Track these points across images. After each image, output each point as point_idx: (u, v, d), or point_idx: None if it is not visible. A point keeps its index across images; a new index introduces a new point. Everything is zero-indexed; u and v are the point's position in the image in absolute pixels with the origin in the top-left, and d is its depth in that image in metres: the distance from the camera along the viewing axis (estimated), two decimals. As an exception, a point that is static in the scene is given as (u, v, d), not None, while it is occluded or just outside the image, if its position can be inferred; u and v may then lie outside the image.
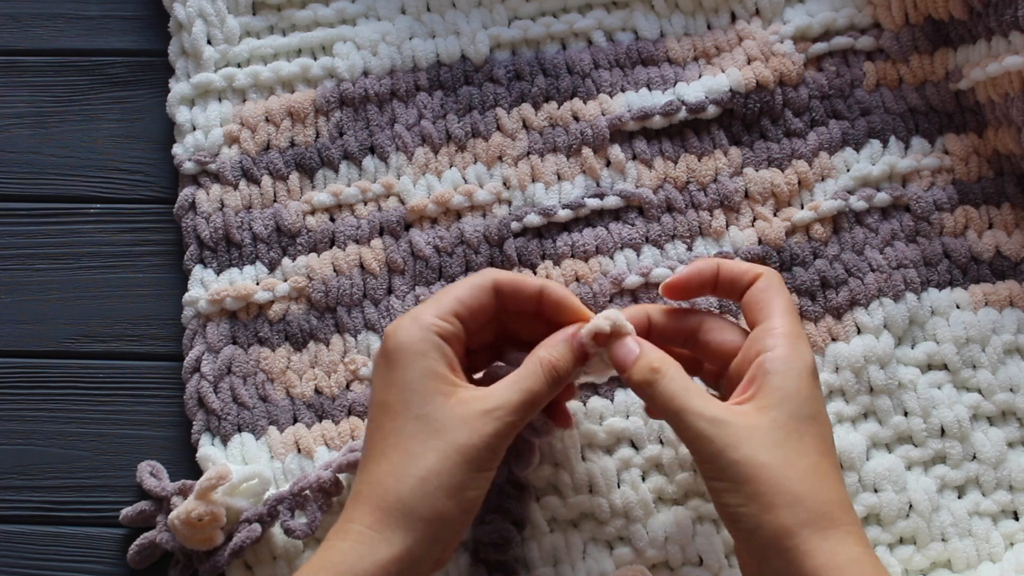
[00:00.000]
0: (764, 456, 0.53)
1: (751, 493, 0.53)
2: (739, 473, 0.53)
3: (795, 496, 0.53)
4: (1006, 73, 0.67)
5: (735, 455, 0.53)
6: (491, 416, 0.55)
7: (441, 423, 0.55)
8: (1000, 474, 0.66)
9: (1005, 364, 0.68)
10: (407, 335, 0.57)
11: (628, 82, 0.73)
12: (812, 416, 0.55)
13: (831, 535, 0.52)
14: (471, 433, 0.55)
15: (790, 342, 0.56)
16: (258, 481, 0.64)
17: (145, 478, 0.66)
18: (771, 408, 0.55)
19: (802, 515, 0.52)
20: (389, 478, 0.55)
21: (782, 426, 0.54)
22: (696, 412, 0.55)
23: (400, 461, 0.55)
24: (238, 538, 0.63)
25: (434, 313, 0.58)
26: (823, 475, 0.54)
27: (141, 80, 0.76)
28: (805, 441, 0.54)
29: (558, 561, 0.65)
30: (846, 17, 0.74)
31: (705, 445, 0.54)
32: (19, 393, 0.70)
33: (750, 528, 0.53)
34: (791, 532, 0.52)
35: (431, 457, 0.55)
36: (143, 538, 0.65)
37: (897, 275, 0.69)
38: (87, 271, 0.72)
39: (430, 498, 0.54)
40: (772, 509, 0.52)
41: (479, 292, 0.59)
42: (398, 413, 0.56)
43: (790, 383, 0.55)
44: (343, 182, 0.72)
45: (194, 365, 0.68)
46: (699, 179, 0.71)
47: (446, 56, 0.74)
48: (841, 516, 0.53)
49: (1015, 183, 0.71)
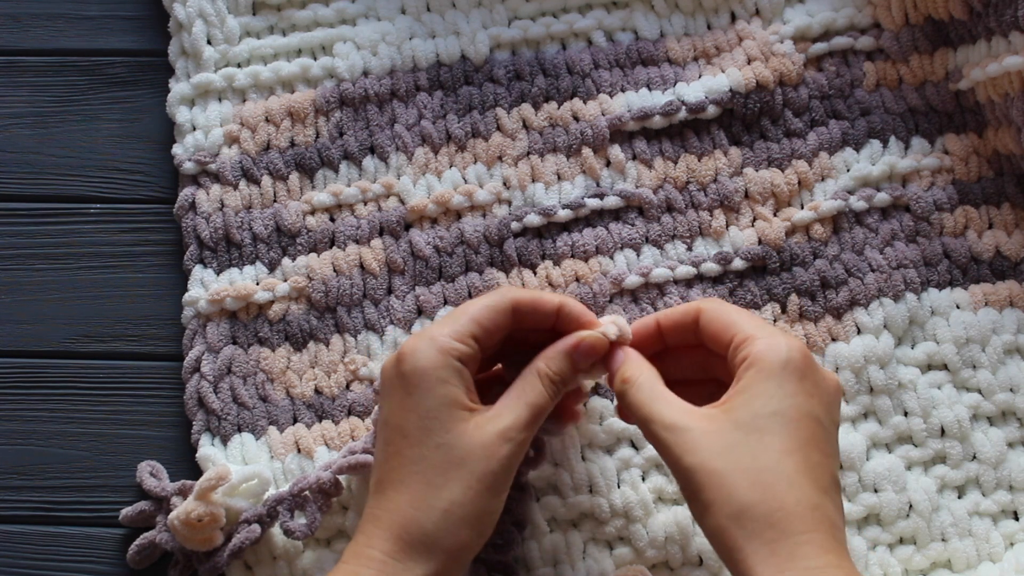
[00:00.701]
0: (715, 462, 0.52)
1: (703, 501, 0.52)
2: (692, 481, 0.52)
3: (741, 507, 0.51)
4: (1006, 73, 0.67)
5: (688, 461, 0.53)
6: (505, 438, 0.56)
7: (462, 452, 0.55)
8: (1000, 474, 0.66)
9: (1005, 364, 0.68)
10: (426, 359, 0.56)
11: (628, 82, 0.73)
12: (777, 412, 0.53)
13: (779, 549, 0.50)
14: (490, 459, 0.55)
15: (760, 344, 0.55)
16: (258, 482, 0.64)
17: (145, 478, 0.66)
18: (736, 408, 0.54)
19: (748, 526, 0.51)
20: (411, 509, 0.55)
21: (742, 426, 0.53)
22: (657, 419, 0.54)
23: (422, 492, 0.55)
24: (237, 538, 0.62)
25: (451, 335, 0.57)
26: (781, 478, 0.51)
27: (141, 80, 0.76)
28: (765, 441, 0.52)
29: (558, 561, 0.64)
30: (846, 17, 0.74)
31: (664, 452, 0.54)
32: (19, 393, 0.70)
33: (710, 535, 0.53)
34: (738, 543, 0.51)
35: (455, 489, 0.55)
36: (143, 538, 0.65)
37: (897, 275, 0.69)
38: (87, 271, 0.72)
39: (453, 530, 0.55)
40: (720, 517, 0.51)
41: (497, 314, 0.58)
42: (419, 441, 0.56)
43: (756, 382, 0.54)
44: (343, 182, 0.72)
45: (194, 365, 0.68)
46: (699, 179, 0.71)
47: (446, 56, 0.74)
48: (796, 525, 0.50)
49: (1015, 183, 0.71)
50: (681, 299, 0.69)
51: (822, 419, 0.54)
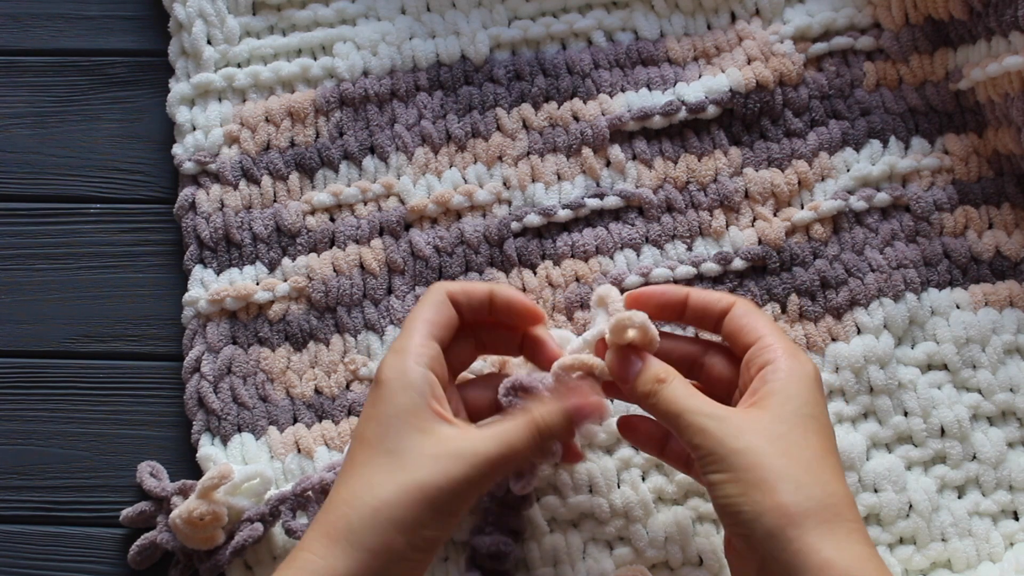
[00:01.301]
0: (766, 444, 0.53)
1: (753, 480, 0.52)
2: (741, 461, 0.52)
3: (799, 482, 0.52)
4: (1006, 73, 0.67)
5: (736, 444, 0.53)
6: (463, 460, 0.54)
7: (409, 459, 0.54)
8: (1000, 474, 0.66)
9: (1005, 364, 0.68)
10: (392, 370, 0.57)
11: (628, 82, 0.73)
12: (814, 416, 0.55)
13: (837, 529, 0.51)
14: (438, 473, 0.54)
15: (789, 354, 0.57)
16: (259, 481, 0.64)
17: (145, 478, 0.66)
18: (773, 407, 0.55)
19: (806, 502, 0.51)
20: (343, 505, 0.55)
21: (784, 420, 0.54)
22: (696, 410, 0.55)
23: (358, 489, 0.55)
24: (240, 537, 0.63)
25: (413, 343, 0.57)
26: (827, 468, 0.53)
27: (141, 80, 0.76)
28: (808, 436, 0.54)
29: (558, 561, 0.64)
30: (846, 17, 0.74)
31: (706, 438, 0.54)
32: (19, 393, 0.70)
33: (752, 518, 0.52)
34: (795, 520, 0.51)
35: (389, 488, 0.54)
36: (144, 538, 0.65)
37: (897, 275, 0.69)
38: (87, 271, 0.72)
39: (379, 529, 0.53)
40: (776, 494, 0.51)
41: (440, 307, 0.59)
42: (371, 446, 0.56)
43: (792, 387, 0.55)
44: (343, 182, 0.72)
45: (194, 365, 0.68)
46: (699, 179, 0.71)
47: (446, 56, 0.74)
48: (846, 512, 0.52)
49: (1015, 183, 0.71)
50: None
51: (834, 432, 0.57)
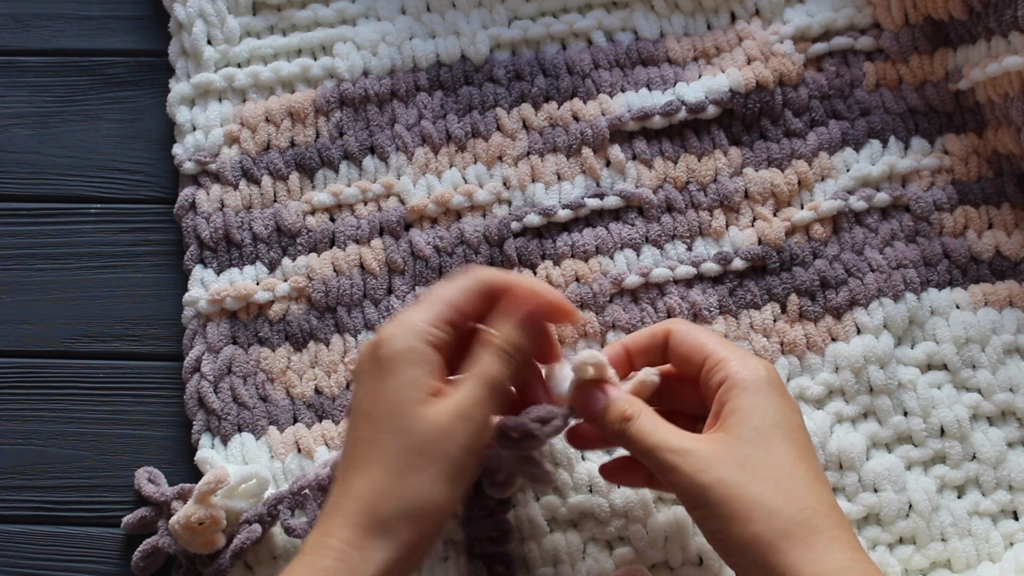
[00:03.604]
0: (732, 475, 0.53)
1: (728, 513, 0.53)
2: (712, 496, 0.53)
3: (769, 509, 0.52)
4: (1006, 73, 0.67)
5: (705, 479, 0.53)
6: (462, 416, 0.55)
7: (421, 438, 0.55)
8: (1000, 474, 0.66)
9: (1005, 364, 0.68)
10: (401, 344, 0.56)
11: (628, 82, 0.73)
12: (776, 424, 0.55)
13: (814, 544, 0.52)
14: (450, 444, 0.54)
15: (736, 365, 0.57)
16: (256, 482, 0.64)
17: (143, 484, 0.66)
18: (732, 427, 0.55)
19: (780, 525, 0.52)
20: (371, 496, 0.54)
21: (746, 441, 0.54)
22: (664, 447, 0.55)
23: (382, 479, 0.55)
24: (239, 539, 0.63)
25: (427, 320, 0.56)
26: (798, 481, 0.54)
27: (141, 80, 0.76)
28: (772, 451, 0.54)
29: (558, 561, 0.65)
30: (846, 17, 0.74)
31: (677, 476, 0.54)
32: (19, 393, 0.70)
33: (738, 548, 0.53)
34: (772, 546, 0.52)
35: (413, 477, 0.54)
36: (146, 544, 0.64)
37: (897, 275, 0.69)
38: (87, 271, 0.72)
39: (412, 516, 0.54)
40: (750, 524, 0.52)
41: (471, 296, 0.58)
42: (382, 426, 0.55)
43: (745, 400, 0.55)
44: (343, 182, 0.72)
45: (194, 365, 0.68)
46: (699, 179, 0.71)
47: (446, 56, 0.74)
48: (822, 522, 0.53)
49: (1015, 183, 0.71)
50: (681, 299, 0.69)
51: (805, 429, 0.57)
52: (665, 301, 0.69)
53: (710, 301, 0.69)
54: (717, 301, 0.69)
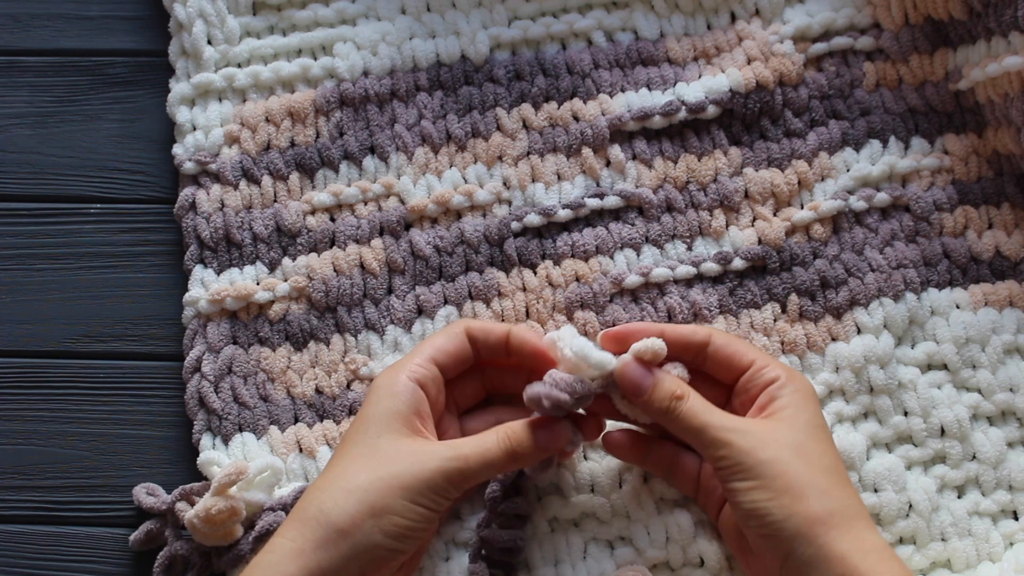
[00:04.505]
0: (788, 456, 0.57)
1: (781, 487, 0.56)
2: (769, 470, 0.56)
3: (822, 489, 0.56)
4: (1006, 73, 0.67)
5: (762, 455, 0.57)
6: (438, 456, 0.57)
7: (386, 453, 0.57)
8: (1000, 474, 0.66)
9: (1005, 364, 0.68)
10: (385, 379, 0.61)
11: (628, 82, 0.73)
12: (822, 427, 0.60)
13: (856, 525, 0.56)
14: (412, 464, 0.57)
15: (789, 373, 0.61)
16: (271, 473, 0.64)
17: (143, 499, 0.65)
18: (786, 418, 0.59)
19: (830, 504, 0.56)
20: (318, 492, 0.57)
21: (800, 431, 0.58)
22: (718, 425, 0.58)
23: (333, 477, 0.58)
24: (262, 524, 0.63)
25: (414, 360, 0.61)
26: (841, 475, 0.58)
27: (141, 80, 0.76)
28: (822, 445, 0.59)
29: (559, 561, 0.65)
30: (846, 17, 0.74)
31: (731, 451, 0.57)
32: (19, 393, 0.70)
33: (779, 519, 0.56)
34: (821, 519, 0.55)
35: (362, 476, 0.57)
36: (163, 556, 0.64)
37: (897, 275, 0.69)
38: (87, 271, 0.72)
39: (349, 511, 0.56)
40: (804, 499, 0.56)
41: (454, 339, 0.62)
42: (353, 442, 0.59)
43: (799, 398, 0.60)
44: (343, 182, 0.72)
45: (195, 365, 0.68)
46: (699, 179, 0.71)
47: (446, 56, 0.74)
48: (861, 510, 0.57)
49: (1015, 183, 0.71)
50: (681, 299, 0.69)
51: None
52: (665, 301, 0.69)
53: (710, 301, 0.69)
54: (717, 301, 0.69)
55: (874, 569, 0.54)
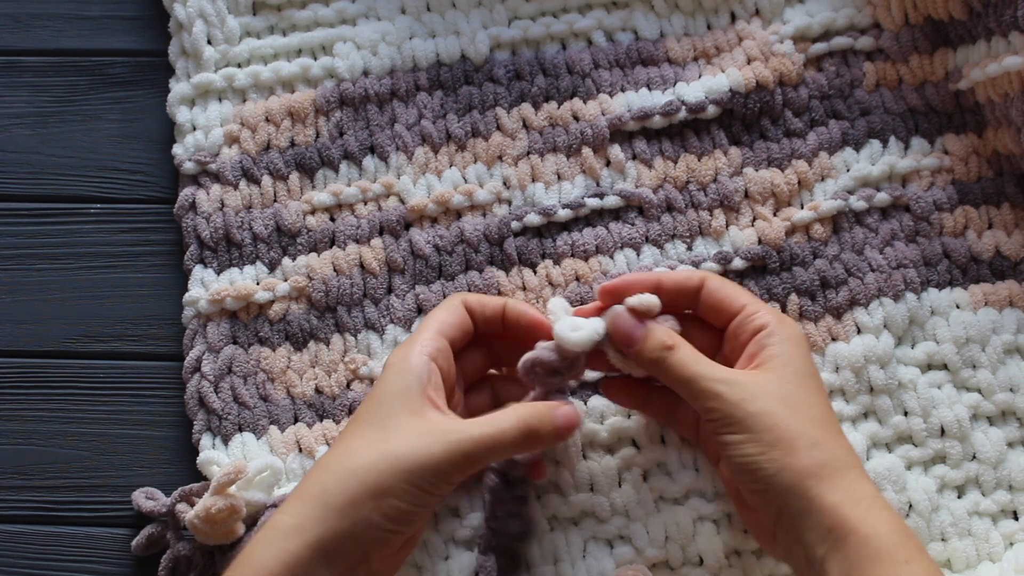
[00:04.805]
0: (778, 407, 0.57)
1: (772, 440, 0.56)
2: (759, 423, 0.56)
3: (813, 440, 0.56)
4: (1006, 73, 0.67)
5: (752, 407, 0.57)
6: (445, 440, 0.56)
7: (393, 433, 0.57)
8: (1000, 474, 0.66)
9: (1005, 364, 0.68)
10: (396, 356, 0.60)
11: (628, 82, 0.73)
12: (812, 376, 0.59)
13: (847, 475, 0.56)
14: (417, 447, 0.56)
15: (776, 317, 0.60)
16: (270, 472, 0.64)
17: (142, 503, 0.65)
18: (776, 368, 0.58)
19: (821, 456, 0.56)
20: (321, 470, 0.57)
21: (790, 381, 0.58)
22: (708, 376, 0.58)
23: (337, 455, 0.57)
24: (265, 518, 0.63)
25: (423, 337, 0.60)
26: (832, 424, 0.58)
27: (141, 80, 0.76)
28: (812, 396, 0.58)
29: (558, 559, 0.65)
30: (846, 17, 0.74)
31: (721, 403, 0.57)
32: (19, 393, 0.70)
33: (771, 474, 0.56)
34: (812, 472, 0.55)
35: (365, 455, 0.56)
36: (166, 560, 0.64)
37: (897, 275, 0.69)
38: (87, 271, 0.72)
39: (349, 490, 0.55)
40: (794, 452, 0.56)
41: (455, 312, 0.62)
42: (361, 421, 0.59)
43: (789, 347, 0.59)
44: (343, 182, 0.72)
45: (195, 365, 0.68)
46: (699, 179, 0.71)
47: (446, 56, 0.74)
48: (852, 460, 0.57)
49: (1015, 183, 0.71)
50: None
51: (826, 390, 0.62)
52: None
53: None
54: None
55: (863, 518, 0.54)
